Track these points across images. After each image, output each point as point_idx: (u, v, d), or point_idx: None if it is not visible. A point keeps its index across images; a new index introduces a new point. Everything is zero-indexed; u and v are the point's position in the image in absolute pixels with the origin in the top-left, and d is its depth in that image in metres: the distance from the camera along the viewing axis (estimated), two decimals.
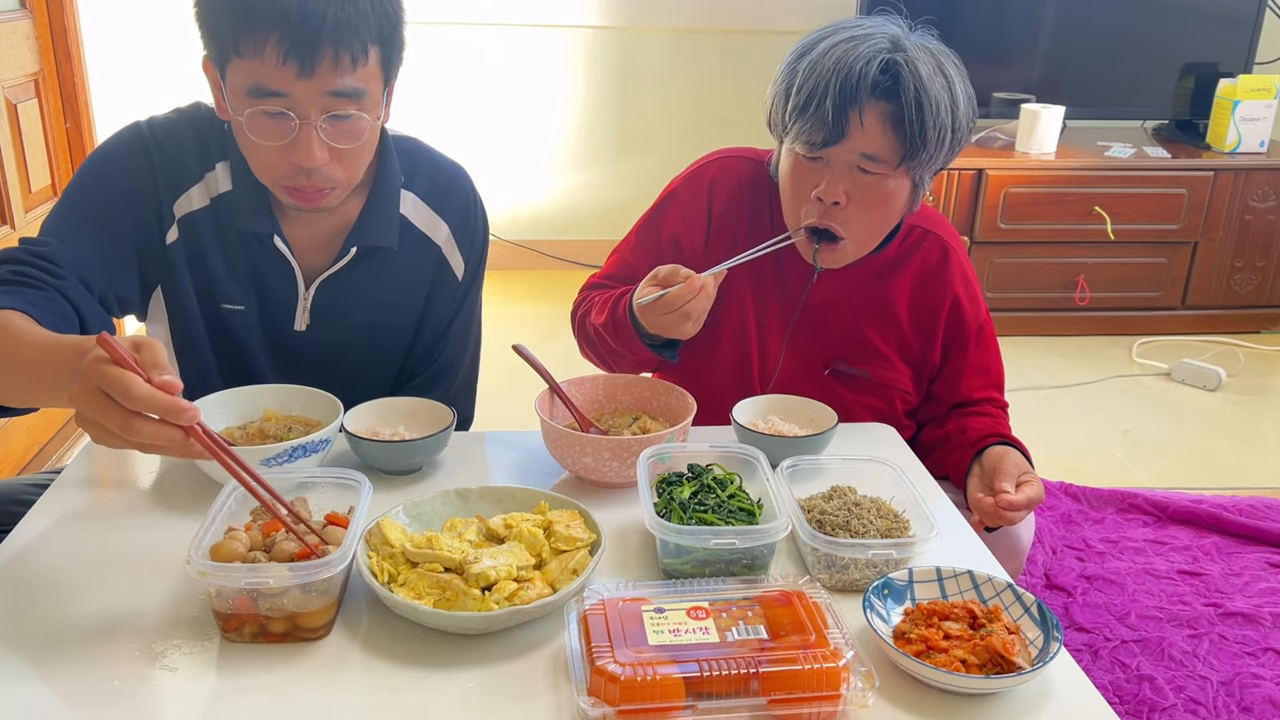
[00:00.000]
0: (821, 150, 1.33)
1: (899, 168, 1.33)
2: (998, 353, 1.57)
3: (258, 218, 1.35)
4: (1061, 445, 2.90)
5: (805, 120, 1.29)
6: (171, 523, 1.18)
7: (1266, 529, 2.38)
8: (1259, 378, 3.42)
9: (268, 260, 1.38)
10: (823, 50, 1.29)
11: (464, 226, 1.48)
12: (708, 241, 1.53)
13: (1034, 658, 0.97)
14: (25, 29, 2.66)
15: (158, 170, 1.34)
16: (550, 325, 3.31)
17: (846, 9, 3.74)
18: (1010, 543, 1.45)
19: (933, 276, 1.49)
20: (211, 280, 1.39)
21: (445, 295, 1.48)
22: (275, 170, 1.25)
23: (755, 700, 0.88)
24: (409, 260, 1.44)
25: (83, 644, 0.98)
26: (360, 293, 1.42)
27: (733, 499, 1.16)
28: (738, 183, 1.52)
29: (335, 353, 1.45)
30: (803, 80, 1.29)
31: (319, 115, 1.21)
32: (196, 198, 1.36)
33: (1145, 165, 3.58)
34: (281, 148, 1.22)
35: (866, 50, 1.27)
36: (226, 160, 1.36)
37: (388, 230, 1.39)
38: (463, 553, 1.04)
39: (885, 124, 1.29)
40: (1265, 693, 1.86)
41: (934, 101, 1.27)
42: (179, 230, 1.36)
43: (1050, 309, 3.68)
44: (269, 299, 1.41)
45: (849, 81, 1.26)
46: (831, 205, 1.35)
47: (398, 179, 1.41)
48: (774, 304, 1.51)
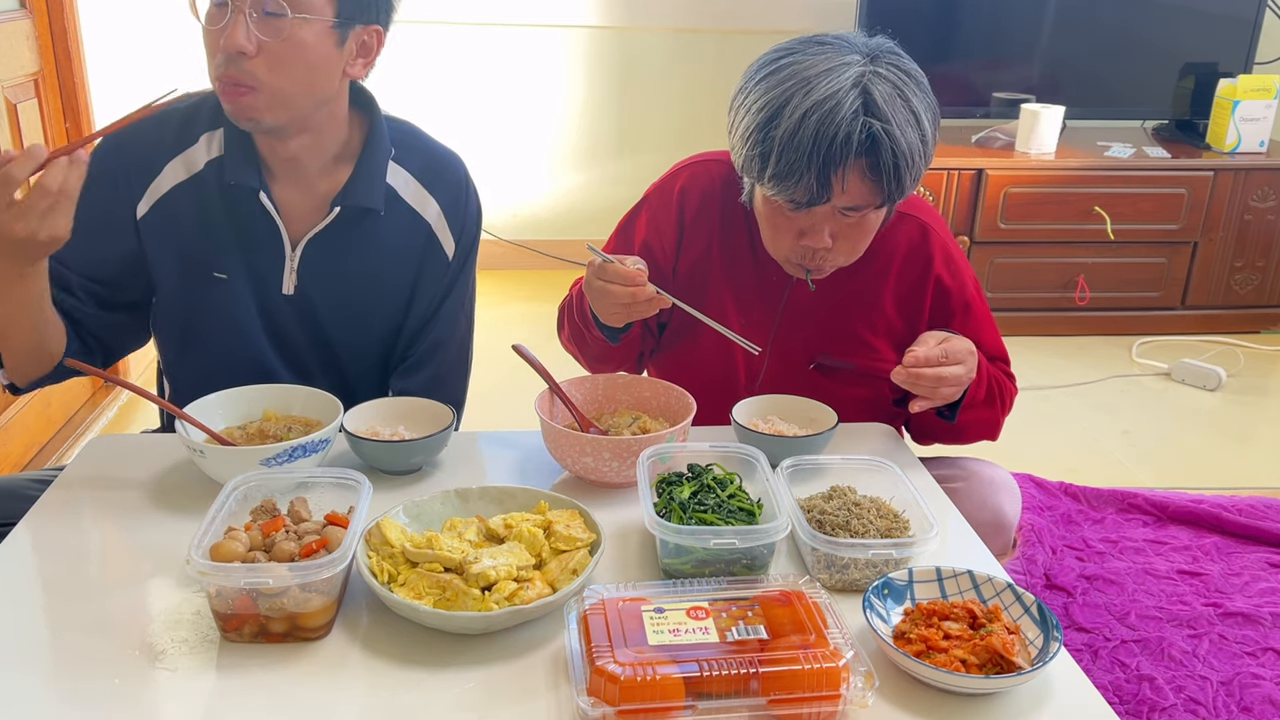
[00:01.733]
0: (805, 208, 1.33)
1: (879, 207, 1.34)
2: (992, 326, 1.55)
3: (246, 172, 1.39)
4: (1061, 445, 2.90)
5: (788, 186, 1.29)
6: (171, 523, 1.18)
7: (1266, 529, 2.38)
8: (1259, 378, 3.42)
9: (254, 222, 1.42)
10: (797, 120, 1.26)
11: (455, 208, 1.50)
12: (679, 248, 1.54)
13: (1034, 658, 0.97)
14: (25, 29, 2.66)
15: (126, 163, 1.41)
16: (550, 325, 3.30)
17: (846, 9, 3.74)
18: (993, 514, 1.45)
19: (914, 258, 1.49)
20: (195, 250, 1.42)
21: (435, 274, 1.50)
22: (212, 61, 1.30)
23: (755, 700, 0.88)
24: (396, 232, 1.46)
25: (83, 644, 0.98)
26: (347, 258, 1.45)
27: (733, 499, 1.16)
28: (709, 188, 1.52)
29: (323, 321, 1.47)
30: (780, 150, 1.27)
31: (252, 6, 1.26)
32: (173, 174, 1.41)
33: (1145, 165, 3.58)
34: (216, 32, 1.28)
35: (844, 113, 1.25)
36: (218, 129, 1.41)
37: (372, 193, 1.42)
38: (463, 553, 1.04)
39: (864, 178, 1.29)
40: (1265, 693, 1.86)
41: (908, 154, 1.28)
42: (152, 205, 1.42)
43: (1050, 309, 3.68)
44: (256, 264, 1.44)
45: (833, 152, 1.25)
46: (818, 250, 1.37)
47: (386, 150, 1.45)
48: (756, 306, 1.52)
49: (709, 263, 1.52)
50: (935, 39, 3.66)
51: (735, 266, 1.51)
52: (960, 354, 1.33)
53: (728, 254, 1.51)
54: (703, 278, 1.52)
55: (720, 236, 1.51)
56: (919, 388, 1.32)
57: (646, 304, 1.33)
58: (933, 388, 1.31)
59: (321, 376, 1.48)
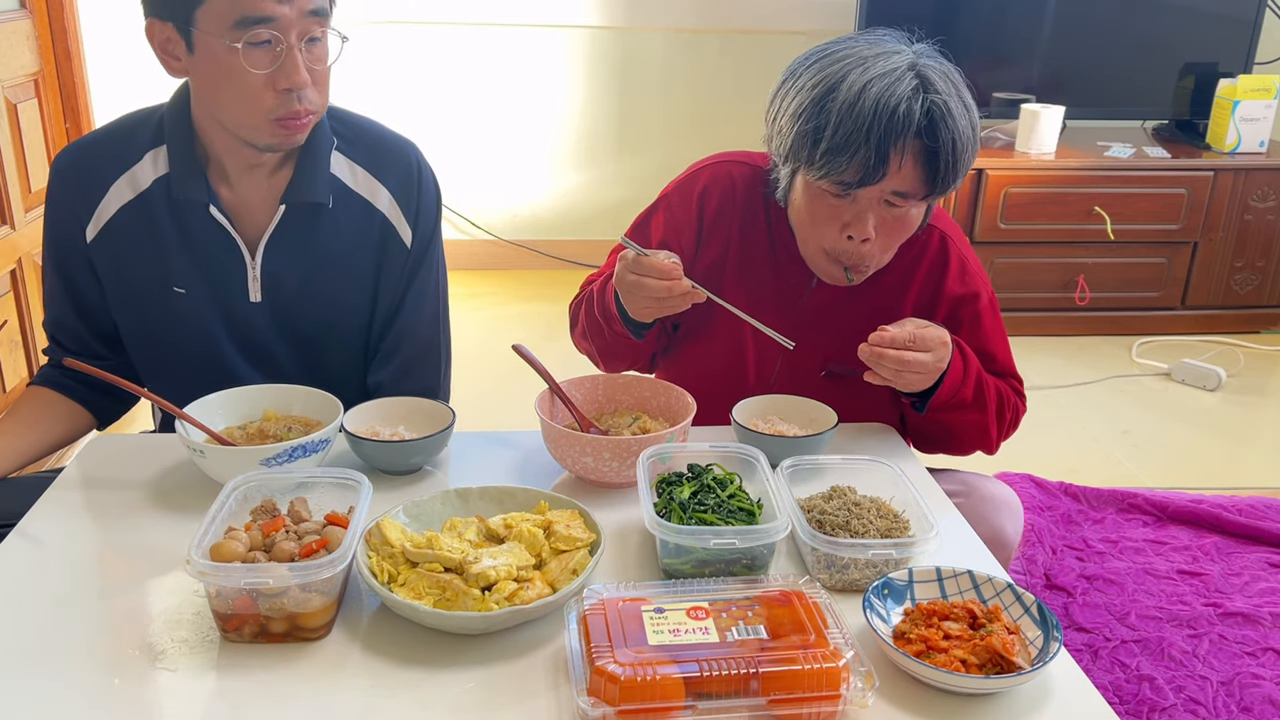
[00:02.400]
0: (855, 190, 1.31)
1: (923, 200, 1.33)
2: (1003, 341, 1.53)
3: (194, 187, 1.39)
4: (1061, 445, 2.90)
5: (841, 162, 1.27)
6: (171, 523, 1.18)
7: (1266, 529, 2.38)
8: (1259, 378, 3.42)
9: (207, 235, 1.41)
10: (857, 90, 1.25)
11: (406, 195, 1.49)
12: (698, 248, 1.52)
13: (1034, 658, 0.97)
14: (25, 29, 2.66)
15: (73, 190, 1.42)
16: (550, 325, 3.31)
17: (846, 9, 3.74)
18: (993, 532, 1.44)
19: (933, 269, 1.49)
20: (149, 268, 1.42)
21: (395, 263, 1.50)
22: (261, 103, 1.29)
23: (755, 700, 0.88)
24: (348, 223, 1.46)
25: (83, 644, 0.98)
26: (304, 257, 1.44)
27: (733, 499, 1.16)
28: (730, 189, 1.51)
29: (294, 324, 1.47)
30: (838, 121, 1.25)
31: (298, 39, 1.27)
32: (118, 195, 1.41)
33: (1145, 165, 3.58)
34: (267, 77, 1.28)
35: (904, 89, 1.25)
36: (160, 146, 1.41)
37: (316, 186, 1.42)
38: (463, 553, 1.04)
39: (919, 163, 1.28)
40: (1265, 693, 1.86)
41: (964, 141, 1.27)
42: (98, 229, 1.42)
43: (1050, 309, 3.68)
44: (216, 275, 1.43)
45: (893, 124, 1.24)
46: (862, 242, 1.35)
47: (328, 141, 1.45)
48: (771, 309, 1.51)
49: (725, 265, 1.51)
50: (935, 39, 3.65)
51: (752, 270, 1.50)
52: (930, 342, 1.31)
53: (745, 257, 1.50)
54: (718, 279, 1.50)
55: (739, 239, 1.50)
56: (881, 368, 1.31)
57: (681, 298, 1.32)
58: (895, 370, 1.30)
59: (299, 378, 1.45)
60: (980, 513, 1.44)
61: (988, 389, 1.43)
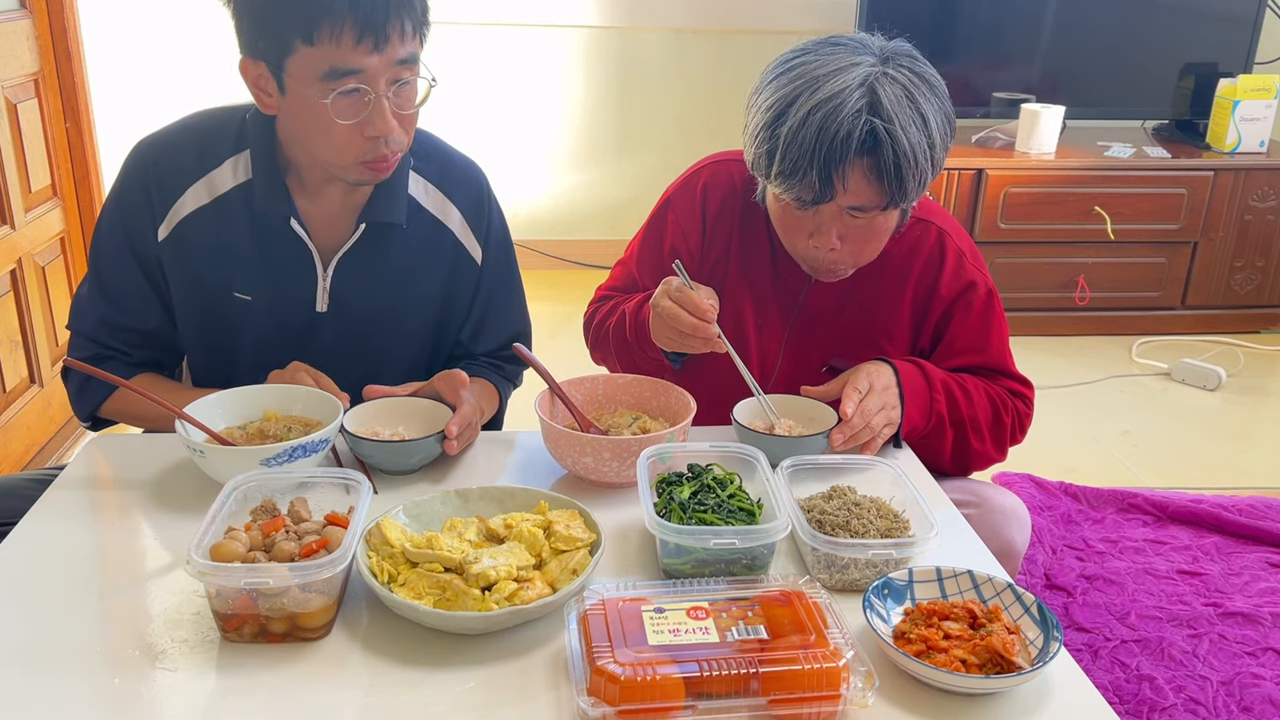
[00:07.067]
0: (812, 206, 1.34)
1: (885, 210, 1.34)
2: (1001, 339, 1.52)
3: (276, 200, 1.39)
4: (1061, 445, 2.90)
5: (793, 184, 1.30)
6: (171, 523, 1.18)
7: (1266, 529, 2.38)
8: (1259, 378, 3.42)
9: (282, 245, 1.41)
10: (801, 117, 1.27)
11: (477, 214, 1.51)
12: (703, 247, 1.54)
13: (1034, 658, 0.97)
14: (25, 29, 2.66)
15: (151, 187, 1.40)
16: (550, 325, 3.31)
17: (846, 9, 3.74)
18: (1004, 544, 1.45)
19: (930, 264, 1.49)
20: (214, 272, 1.42)
21: (466, 281, 1.52)
22: (350, 149, 1.30)
23: (755, 700, 0.88)
24: (421, 242, 1.47)
25: (83, 644, 0.98)
26: (376, 272, 1.45)
27: (733, 499, 1.16)
28: (730, 187, 1.53)
29: (357, 334, 1.48)
30: (785, 148, 1.29)
31: (387, 86, 1.27)
32: (195, 197, 1.41)
33: (1145, 165, 3.58)
34: (356, 125, 1.28)
35: (847, 111, 1.26)
36: (242, 152, 1.40)
37: (394, 207, 1.43)
38: (463, 553, 1.04)
39: (868, 178, 1.29)
40: (1265, 693, 1.86)
41: (911, 155, 1.28)
42: (170, 229, 1.41)
43: (1050, 309, 3.68)
44: (282, 285, 1.43)
45: (833, 151, 1.26)
46: (829, 250, 1.37)
47: (407, 160, 1.45)
48: (772, 307, 1.51)
49: (727, 262, 1.52)
50: (935, 39, 3.65)
51: (753, 266, 1.51)
52: (872, 393, 1.35)
53: (745, 253, 1.51)
54: (720, 277, 1.52)
55: (739, 236, 1.52)
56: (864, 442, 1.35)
57: (703, 341, 1.36)
58: (871, 437, 1.34)
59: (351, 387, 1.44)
60: (993, 526, 1.45)
61: (971, 398, 1.44)
